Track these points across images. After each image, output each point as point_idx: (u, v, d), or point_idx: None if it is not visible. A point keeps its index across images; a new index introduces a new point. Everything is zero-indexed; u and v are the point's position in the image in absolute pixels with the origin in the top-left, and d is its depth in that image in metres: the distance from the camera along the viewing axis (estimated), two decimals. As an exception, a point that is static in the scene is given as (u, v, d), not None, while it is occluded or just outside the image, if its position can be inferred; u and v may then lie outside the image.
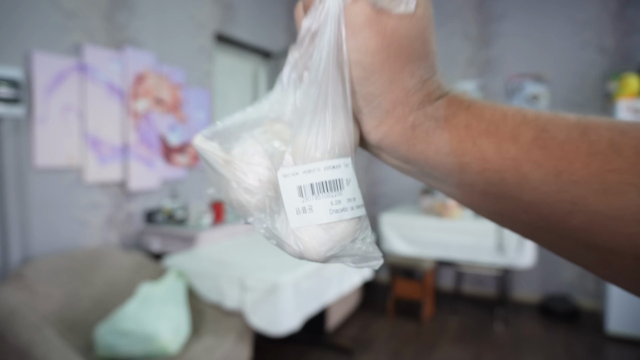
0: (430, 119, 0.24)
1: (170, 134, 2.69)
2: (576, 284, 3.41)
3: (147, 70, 2.48)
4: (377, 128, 0.25)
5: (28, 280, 1.71)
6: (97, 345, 1.64)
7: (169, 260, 2.13)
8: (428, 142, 0.24)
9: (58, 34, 2.04)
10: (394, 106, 0.24)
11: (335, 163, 0.24)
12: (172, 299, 1.81)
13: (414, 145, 0.24)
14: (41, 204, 1.99)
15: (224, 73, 3.36)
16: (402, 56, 0.23)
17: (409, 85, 0.24)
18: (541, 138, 0.21)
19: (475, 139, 0.22)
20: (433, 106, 0.24)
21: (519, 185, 0.21)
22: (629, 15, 3.20)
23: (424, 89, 0.24)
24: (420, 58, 0.24)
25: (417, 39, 0.23)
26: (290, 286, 1.86)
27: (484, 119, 0.23)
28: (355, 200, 0.25)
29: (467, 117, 0.23)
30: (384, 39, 0.23)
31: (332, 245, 0.25)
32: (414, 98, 0.24)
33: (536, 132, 0.21)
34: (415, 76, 0.24)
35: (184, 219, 2.54)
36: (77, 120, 2.12)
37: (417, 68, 0.24)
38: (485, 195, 0.23)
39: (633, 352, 2.67)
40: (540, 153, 0.20)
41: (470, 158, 0.22)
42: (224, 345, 1.76)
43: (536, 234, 0.23)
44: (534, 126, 0.21)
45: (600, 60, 3.29)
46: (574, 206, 0.19)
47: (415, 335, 2.87)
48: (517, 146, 0.21)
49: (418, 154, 0.24)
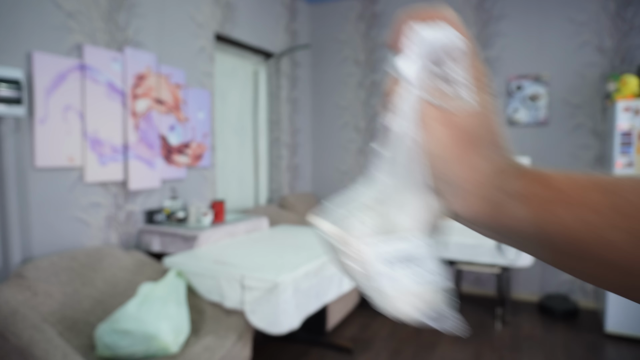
0: (508, 194, 0.26)
1: (170, 134, 2.70)
2: (575, 284, 3.42)
3: (147, 71, 2.48)
4: (464, 207, 0.28)
5: (28, 280, 1.71)
6: (98, 345, 1.65)
7: (169, 260, 2.13)
8: (510, 216, 0.26)
9: (59, 35, 2.04)
10: (473, 187, 0.27)
11: (418, 238, 0.29)
12: (172, 298, 1.82)
13: (498, 219, 0.26)
14: (41, 204, 2.00)
15: (224, 73, 3.37)
16: (471, 144, 0.27)
17: (483, 167, 0.27)
18: (616, 203, 0.23)
19: (553, 209, 0.24)
20: (509, 183, 0.26)
21: (600, 246, 0.23)
22: (628, 16, 3.21)
23: (499, 169, 0.27)
24: (490, 143, 0.27)
25: (481, 128, 0.27)
26: (290, 286, 1.86)
27: (558, 189, 0.25)
28: (436, 273, 0.29)
29: (542, 190, 0.25)
30: (453, 133, 0.27)
31: (418, 310, 0.29)
32: (489, 178, 0.27)
33: (610, 198, 0.23)
34: (489, 160, 0.27)
35: (184, 218, 2.54)
36: (77, 120, 2.13)
37: (489, 152, 0.27)
38: (568, 256, 0.25)
39: (631, 351, 2.68)
40: (617, 218, 0.22)
41: (552, 227, 0.24)
42: (224, 345, 1.77)
43: (625, 292, 0.24)
44: (605, 191, 0.23)
45: (600, 60, 3.29)
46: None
47: (415, 334, 2.87)
48: (594, 212, 0.23)
49: (501, 226, 0.27)
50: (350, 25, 4.12)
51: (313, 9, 4.28)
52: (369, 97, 4.09)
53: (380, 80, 4.05)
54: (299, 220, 3.43)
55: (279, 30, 3.81)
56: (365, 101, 4.10)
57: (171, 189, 2.70)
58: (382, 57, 4.03)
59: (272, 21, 3.70)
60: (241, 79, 3.60)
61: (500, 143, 0.28)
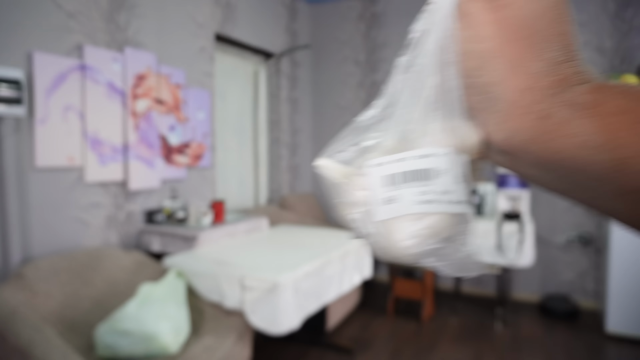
0: (569, 106, 0.19)
1: (171, 134, 2.70)
2: (576, 284, 3.42)
3: (147, 71, 2.48)
4: (501, 124, 0.21)
5: (28, 281, 1.71)
6: (97, 345, 1.65)
7: (169, 260, 2.13)
8: (568, 135, 0.19)
9: (59, 35, 2.04)
10: (519, 94, 0.20)
11: (429, 152, 0.23)
12: (172, 299, 1.82)
13: (549, 142, 0.20)
14: (41, 204, 2.00)
15: (224, 73, 3.37)
16: (523, 38, 0.20)
17: (535, 69, 0.20)
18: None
19: (634, 125, 0.17)
20: (573, 91, 0.20)
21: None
22: (628, 16, 3.21)
23: (557, 73, 0.20)
24: (548, 39, 0.20)
25: (540, 18, 0.20)
26: (290, 286, 1.86)
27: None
28: (450, 194, 0.22)
29: (623, 101, 0.18)
30: (501, 22, 0.21)
31: (420, 241, 0.23)
32: (543, 83, 0.20)
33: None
34: (543, 59, 0.20)
35: (184, 219, 2.54)
36: (77, 120, 2.13)
37: (544, 50, 0.20)
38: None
39: (632, 352, 2.68)
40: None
41: (630, 152, 0.17)
42: (224, 345, 1.76)
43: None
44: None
45: (600, 61, 3.29)
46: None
47: (415, 335, 2.87)
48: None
49: (555, 152, 0.19)
50: (350, 25, 4.12)
51: (313, 9, 4.28)
52: (369, 97, 4.08)
53: (381, 80, 4.04)
54: (299, 220, 3.43)
55: (279, 30, 3.81)
56: (365, 101, 4.10)
57: (171, 189, 2.69)
58: (382, 57, 4.03)
59: (272, 21, 3.70)
60: (241, 79, 3.60)
61: (567, 42, 0.21)
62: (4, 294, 1.59)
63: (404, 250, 0.23)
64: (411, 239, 0.23)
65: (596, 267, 3.33)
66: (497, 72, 0.21)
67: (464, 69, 0.22)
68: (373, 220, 0.24)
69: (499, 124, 0.21)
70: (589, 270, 3.36)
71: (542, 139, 0.20)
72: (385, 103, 0.26)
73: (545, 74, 0.20)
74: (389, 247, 0.23)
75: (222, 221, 2.63)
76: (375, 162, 0.24)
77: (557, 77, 0.20)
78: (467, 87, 0.22)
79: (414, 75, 0.24)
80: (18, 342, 1.45)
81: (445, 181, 0.22)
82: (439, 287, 3.77)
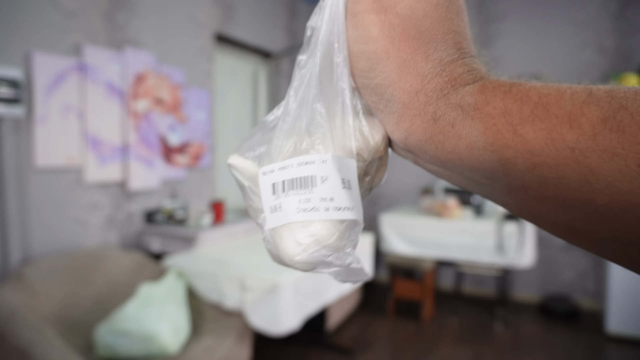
0: (455, 108, 0.19)
1: (170, 134, 2.69)
2: (576, 284, 3.41)
3: (147, 70, 2.48)
4: (397, 125, 0.21)
5: (28, 281, 1.70)
6: (97, 346, 1.64)
7: (169, 260, 2.13)
8: (456, 136, 0.19)
9: (58, 34, 2.04)
10: (409, 96, 0.20)
11: (309, 159, 0.22)
12: (172, 299, 1.81)
13: (441, 143, 0.20)
14: (41, 204, 1.99)
15: (224, 73, 3.36)
16: (409, 38, 0.20)
17: (424, 70, 0.20)
18: (614, 118, 0.15)
19: (516, 127, 0.17)
20: (459, 93, 0.20)
21: (586, 183, 0.16)
22: (628, 16, 3.20)
23: (445, 73, 0.20)
24: (435, 39, 0.20)
25: (426, 17, 0.20)
26: (290, 286, 1.86)
27: (530, 101, 0.18)
28: (333, 201, 0.22)
29: (504, 102, 0.18)
30: (385, 22, 0.20)
31: (302, 249, 0.22)
32: (432, 84, 0.20)
33: (606, 112, 0.16)
34: (431, 60, 0.20)
35: (184, 219, 2.54)
36: (77, 120, 2.12)
37: (432, 50, 0.20)
38: (545, 203, 0.18)
39: (633, 352, 2.67)
40: (613, 137, 0.15)
41: (513, 152, 0.17)
42: (224, 345, 1.76)
43: (622, 256, 0.17)
44: (604, 104, 0.16)
45: (600, 60, 3.29)
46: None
47: (415, 335, 2.87)
48: (577, 131, 0.16)
49: (448, 152, 0.20)
50: (351, 25, 4.12)
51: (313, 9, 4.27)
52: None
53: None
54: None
55: (278, 30, 3.80)
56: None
57: (171, 189, 2.69)
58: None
59: (271, 21, 3.70)
60: (241, 79, 3.60)
61: (456, 40, 0.20)
62: (4, 294, 1.59)
63: (290, 257, 0.22)
64: (295, 248, 0.22)
65: (596, 267, 3.33)
66: (387, 74, 0.21)
67: (356, 70, 0.22)
68: (265, 228, 0.24)
69: (395, 124, 0.21)
70: (589, 270, 3.36)
71: (435, 139, 0.20)
72: (287, 102, 0.26)
73: (434, 74, 0.20)
74: (278, 254, 0.23)
75: (222, 221, 2.63)
76: (263, 170, 0.23)
77: (447, 78, 0.20)
78: (361, 88, 0.22)
79: (311, 75, 0.23)
80: (18, 342, 1.44)
81: (327, 188, 0.22)
82: (439, 288, 3.77)
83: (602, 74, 3.27)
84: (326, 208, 0.22)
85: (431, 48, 0.20)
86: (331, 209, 0.22)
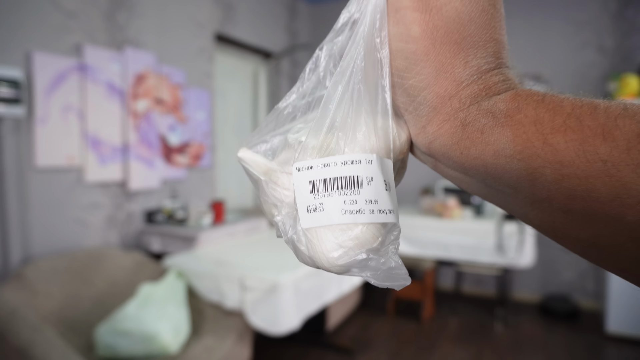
0: (486, 114, 0.19)
1: (170, 134, 2.69)
2: (576, 284, 3.41)
3: (147, 71, 2.48)
4: (424, 129, 0.21)
5: (28, 281, 1.71)
6: (97, 345, 1.65)
7: (169, 260, 2.13)
8: (484, 143, 0.19)
9: (58, 34, 2.04)
10: (442, 101, 0.20)
11: (355, 158, 0.22)
12: (172, 299, 1.81)
13: (467, 148, 0.19)
14: (41, 204, 2.00)
15: (224, 73, 3.36)
16: (451, 42, 0.20)
17: (461, 76, 0.20)
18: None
19: (546, 136, 0.17)
20: (491, 100, 0.19)
21: (616, 198, 0.15)
22: (628, 16, 3.20)
23: (482, 81, 0.20)
24: (477, 45, 0.20)
25: (471, 22, 0.20)
26: (290, 286, 1.86)
27: (562, 111, 0.17)
28: (377, 204, 0.21)
29: (537, 111, 0.18)
30: (429, 23, 0.20)
31: (344, 252, 0.21)
32: (466, 91, 0.20)
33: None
34: (469, 66, 0.20)
35: (184, 219, 2.54)
36: (77, 120, 2.12)
37: (472, 57, 0.20)
38: (569, 216, 0.17)
39: (633, 352, 2.68)
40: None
41: (542, 161, 0.17)
42: (224, 345, 1.76)
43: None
44: (633, 115, 0.16)
45: (600, 60, 3.29)
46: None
47: (415, 335, 2.87)
48: (610, 144, 0.16)
49: (473, 159, 0.19)
50: (351, 25, 4.12)
51: (313, 9, 4.27)
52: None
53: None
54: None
55: (279, 30, 3.80)
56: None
57: (171, 189, 2.69)
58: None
59: (272, 21, 3.70)
60: (241, 79, 3.60)
61: (496, 49, 0.20)
62: (4, 294, 1.59)
63: (329, 261, 0.22)
64: (337, 251, 0.21)
65: (596, 267, 3.32)
66: (424, 77, 0.20)
67: (392, 68, 0.21)
68: (297, 226, 0.23)
69: (422, 127, 0.21)
70: (589, 270, 3.36)
71: (461, 145, 0.20)
72: (308, 90, 0.25)
73: (470, 81, 0.20)
74: (314, 256, 0.22)
75: (222, 221, 2.63)
76: (299, 166, 0.22)
77: (482, 86, 0.20)
78: (394, 87, 0.22)
79: (343, 68, 0.22)
80: (18, 342, 1.45)
81: (371, 190, 0.21)
82: (439, 287, 3.77)
83: (602, 74, 3.27)
84: (371, 211, 0.21)
85: (471, 54, 0.20)
86: (376, 211, 0.21)
